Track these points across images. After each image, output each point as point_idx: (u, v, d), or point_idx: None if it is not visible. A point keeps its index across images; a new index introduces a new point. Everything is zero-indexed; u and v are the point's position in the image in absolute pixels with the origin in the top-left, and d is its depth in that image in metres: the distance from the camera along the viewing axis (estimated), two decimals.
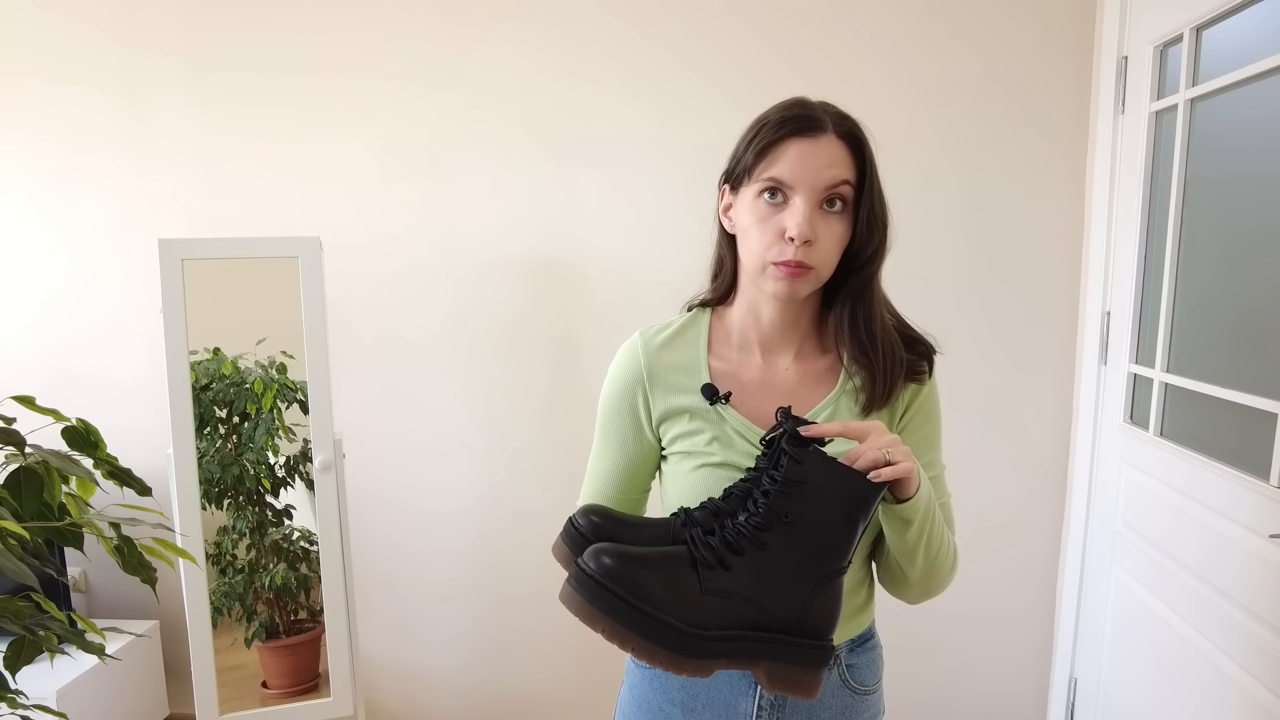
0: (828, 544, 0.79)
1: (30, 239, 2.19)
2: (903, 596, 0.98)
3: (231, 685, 1.94)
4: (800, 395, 0.95)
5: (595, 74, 1.99)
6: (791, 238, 0.85)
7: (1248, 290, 1.41)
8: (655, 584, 0.75)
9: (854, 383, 0.95)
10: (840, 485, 0.78)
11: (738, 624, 0.77)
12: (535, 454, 2.15)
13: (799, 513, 0.78)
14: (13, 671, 1.04)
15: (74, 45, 2.09)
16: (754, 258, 0.90)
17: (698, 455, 0.93)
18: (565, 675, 2.24)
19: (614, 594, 0.74)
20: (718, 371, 0.96)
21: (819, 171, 0.86)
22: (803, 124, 0.87)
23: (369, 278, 2.11)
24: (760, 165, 0.88)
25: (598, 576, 0.75)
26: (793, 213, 0.86)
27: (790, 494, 0.78)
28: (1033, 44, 1.87)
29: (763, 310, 0.96)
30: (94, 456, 1.12)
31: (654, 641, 0.74)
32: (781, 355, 0.97)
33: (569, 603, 0.76)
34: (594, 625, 0.75)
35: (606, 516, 0.87)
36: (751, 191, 0.89)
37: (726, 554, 0.78)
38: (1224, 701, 1.41)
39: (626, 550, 0.77)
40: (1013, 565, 2.06)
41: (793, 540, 0.78)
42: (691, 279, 1.05)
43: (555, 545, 0.89)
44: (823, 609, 0.79)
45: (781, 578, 0.78)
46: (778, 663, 0.78)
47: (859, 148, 0.89)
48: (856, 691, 0.99)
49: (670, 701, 0.98)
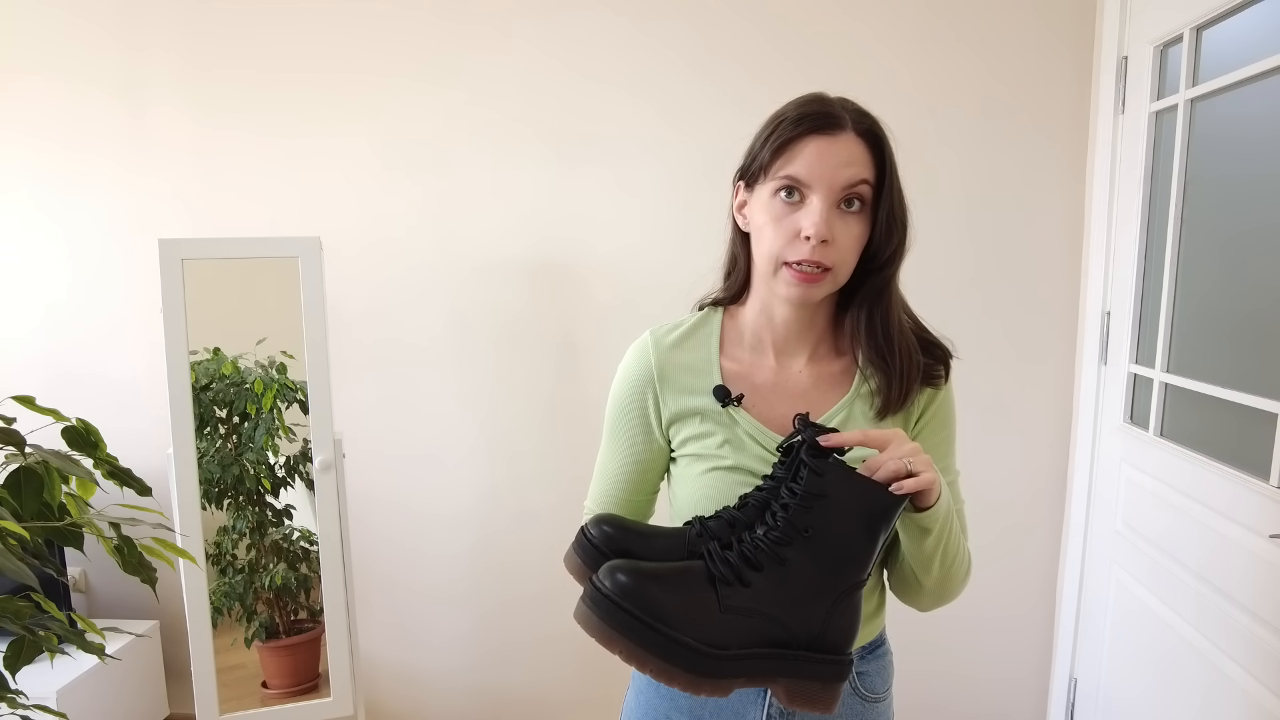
0: (848, 557, 0.76)
1: (30, 238, 2.19)
2: (915, 604, 0.96)
3: (231, 685, 1.94)
4: (814, 398, 0.93)
5: (597, 72, 1.99)
6: (808, 237, 0.83)
7: (1248, 290, 1.41)
8: (673, 603, 0.73)
9: (869, 386, 0.93)
10: (861, 497, 0.76)
11: (756, 642, 0.75)
12: (536, 455, 2.15)
13: (819, 526, 0.75)
14: (13, 671, 1.04)
15: (73, 42, 2.09)
16: (768, 258, 0.88)
17: (709, 458, 0.91)
18: (566, 677, 2.24)
19: (631, 615, 0.72)
20: (730, 372, 0.94)
21: (837, 170, 0.84)
22: (821, 121, 0.84)
23: (369, 277, 2.11)
24: (777, 163, 0.86)
25: (614, 596, 0.72)
26: (809, 212, 0.84)
27: (810, 507, 0.76)
28: (1033, 44, 1.87)
29: (776, 311, 0.93)
30: (94, 456, 1.12)
31: (672, 663, 0.72)
32: (795, 357, 0.95)
33: (585, 623, 0.74)
34: (610, 647, 0.73)
35: (619, 527, 0.85)
36: (767, 190, 0.87)
37: (745, 570, 0.75)
38: (1224, 702, 1.41)
39: (642, 567, 0.75)
40: (1012, 565, 2.06)
41: (812, 555, 0.76)
42: (697, 280, 1.03)
43: (567, 556, 0.86)
44: (842, 623, 0.77)
45: (801, 593, 0.75)
46: (798, 679, 0.76)
47: (879, 146, 0.87)
48: (867, 699, 0.98)
49: (677, 709, 0.96)
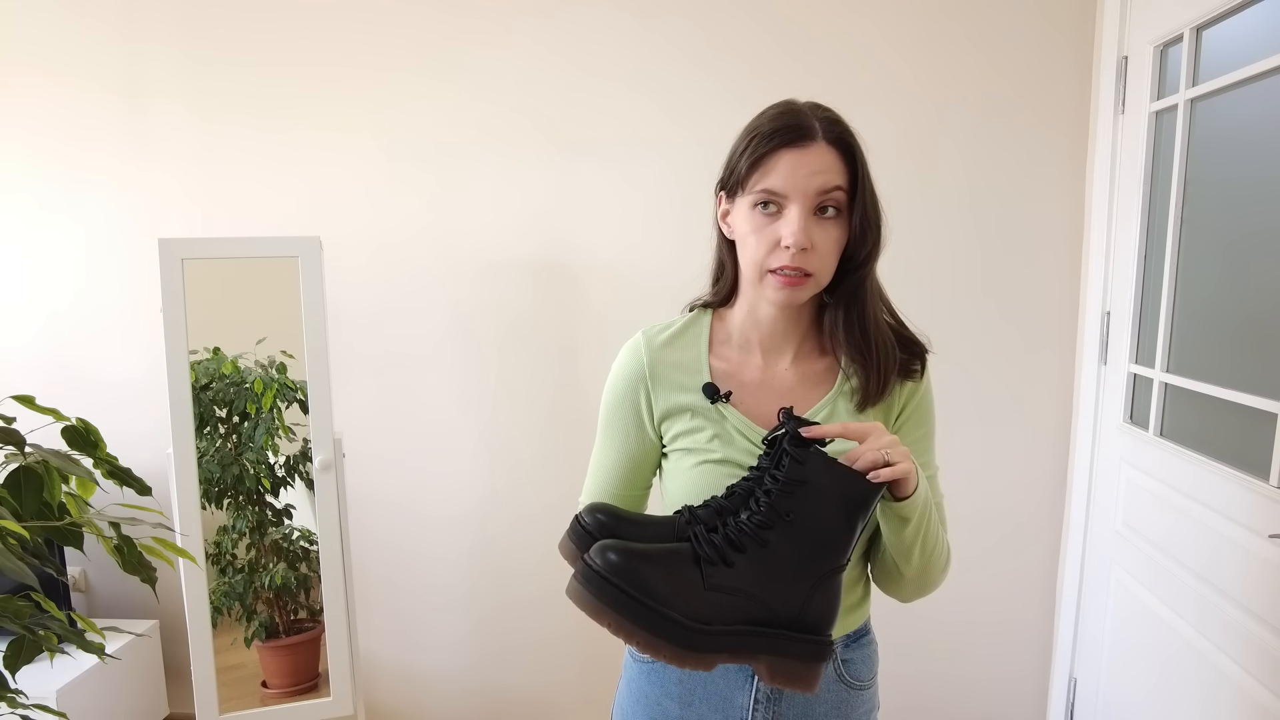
0: (828, 542, 0.80)
1: (31, 237, 2.19)
2: (896, 594, 0.99)
3: (231, 685, 1.94)
4: (799, 395, 0.98)
5: (600, 68, 1.99)
6: (787, 246, 0.88)
7: (1247, 290, 1.41)
8: (660, 579, 0.77)
9: (851, 384, 0.97)
10: (840, 485, 0.80)
11: (740, 619, 0.78)
12: (536, 457, 2.15)
13: (800, 512, 0.79)
14: (13, 671, 1.04)
15: (74, 39, 2.09)
16: (752, 266, 0.92)
17: (699, 452, 0.95)
18: (565, 678, 2.24)
19: (619, 589, 0.76)
20: (718, 371, 0.99)
21: (811, 179, 0.88)
22: (793, 134, 0.88)
23: (369, 277, 2.11)
24: (754, 176, 0.90)
25: (604, 572, 0.77)
26: (787, 221, 0.88)
27: (792, 493, 0.80)
28: (1033, 43, 1.87)
29: (762, 313, 0.98)
30: (94, 456, 1.12)
31: (658, 635, 0.76)
32: (781, 356, 1.00)
33: (575, 597, 0.78)
34: (600, 619, 0.77)
35: (612, 514, 0.89)
36: (747, 202, 0.92)
37: (729, 551, 0.79)
38: (1224, 702, 1.41)
39: (631, 546, 0.79)
40: (1012, 565, 2.06)
41: (794, 538, 0.79)
42: (697, 282, 1.06)
43: (562, 543, 0.91)
44: (822, 605, 0.81)
45: (782, 574, 0.79)
46: (778, 657, 0.79)
47: (850, 152, 0.91)
48: (852, 686, 1.01)
49: (668, 696, 0.99)
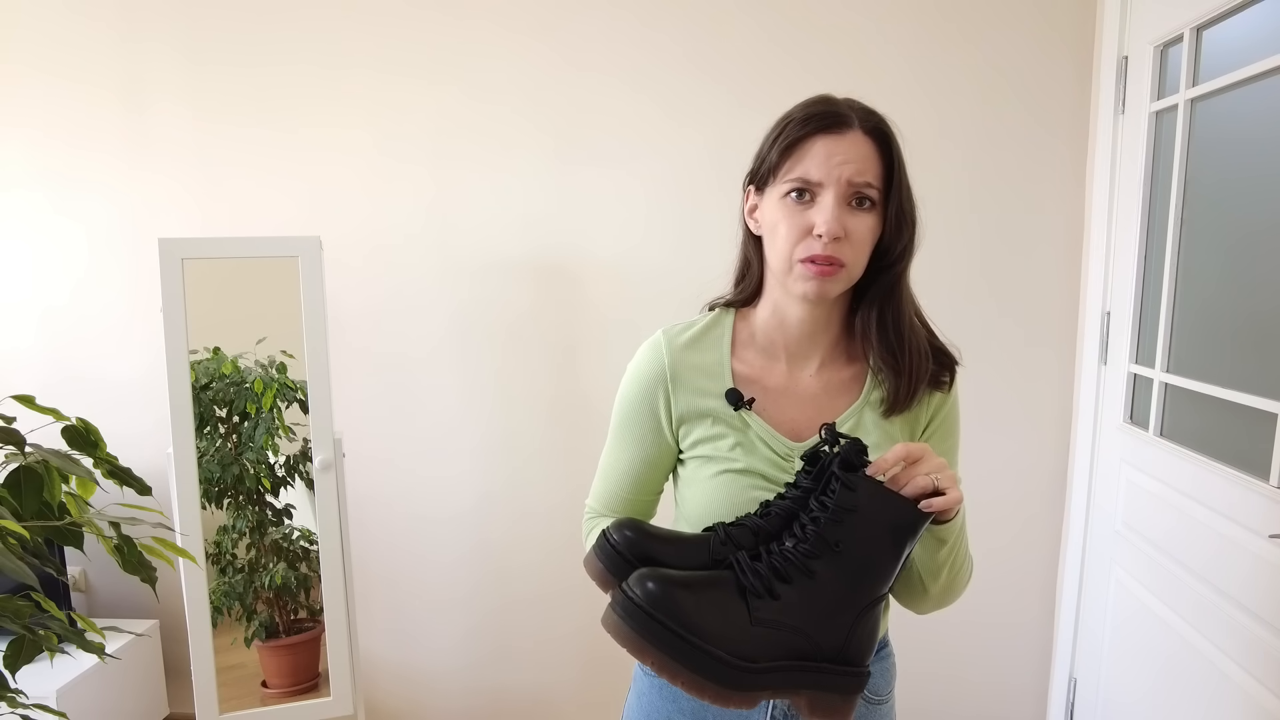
0: (874, 571, 0.77)
1: (30, 237, 2.18)
2: (916, 608, 0.96)
3: (231, 685, 1.94)
4: (824, 403, 0.94)
5: (601, 68, 1.98)
6: (820, 234, 0.84)
7: (1248, 290, 1.41)
8: (705, 615, 0.73)
9: (879, 393, 0.93)
10: (890, 512, 0.76)
11: (783, 655, 0.75)
12: (537, 457, 2.14)
13: (848, 540, 0.76)
14: (13, 671, 1.04)
15: (73, 40, 2.09)
16: (782, 257, 0.88)
17: (720, 460, 0.92)
18: (565, 678, 2.24)
19: (664, 626, 0.71)
20: (740, 375, 0.95)
21: (845, 168, 0.84)
22: (828, 120, 0.85)
23: (369, 277, 2.11)
24: (786, 164, 0.86)
25: (647, 607, 0.72)
26: (821, 209, 0.84)
27: (841, 521, 0.76)
28: (1033, 44, 1.87)
29: (789, 313, 0.94)
30: (94, 456, 1.12)
31: (704, 676, 0.72)
32: (807, 363, 0.96)
33: (616, 632, 0.73)
34: (642, 658, 0.72)
35: (641, 531, 0.84)
36: (778, 192, 0.88)
37: (775, 582, 0.76)
38: (1224, 702, 1.41)
39: (672, 576, 0.75)
40: (1012, 566, 2.06)
41: (841, 568, 0.76)
42: (700, 280, 1.04)
43: (588, 560, 0.86)
44: (863, 637, 0.78)
45: (828, 607, 0.76)
46: (820, 691, 0.76)
47: (886, 143, 0.88)
48: (871, 702, 0.99)
49: (680, 711, 0.96)
